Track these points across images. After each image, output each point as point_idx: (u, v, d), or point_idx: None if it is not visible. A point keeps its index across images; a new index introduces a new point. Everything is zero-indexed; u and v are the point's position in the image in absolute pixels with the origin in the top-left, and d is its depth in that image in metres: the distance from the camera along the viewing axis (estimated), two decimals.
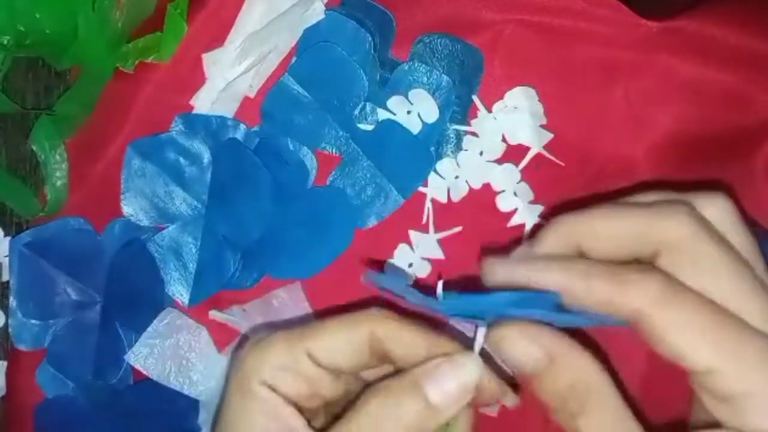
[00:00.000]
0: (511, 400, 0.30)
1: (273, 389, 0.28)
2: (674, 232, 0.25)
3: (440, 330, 0.29)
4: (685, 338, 0.24)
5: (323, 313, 0.40)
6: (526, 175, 0.40)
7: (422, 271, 0.40)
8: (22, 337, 0.41)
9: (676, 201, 0.26)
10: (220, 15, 0.41)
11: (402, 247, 0.40)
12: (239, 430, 0.28)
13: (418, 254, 0.40)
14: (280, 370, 0.28)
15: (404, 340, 0.28)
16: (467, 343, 0.28)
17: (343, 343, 0.28)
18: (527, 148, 0.40)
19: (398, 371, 0.28)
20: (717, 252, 0.25)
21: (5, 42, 0.40)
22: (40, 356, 0.41)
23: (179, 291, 0.40)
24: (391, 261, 0.40)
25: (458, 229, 0.40)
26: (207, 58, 0.41)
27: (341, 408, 0.30)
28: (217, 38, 0.41)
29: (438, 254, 0.40)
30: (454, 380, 0.27)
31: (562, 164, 0.40)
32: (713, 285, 0.25)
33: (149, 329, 0.39)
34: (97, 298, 0.41)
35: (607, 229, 0.27)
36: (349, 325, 0.29)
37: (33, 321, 0.41)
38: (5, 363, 0.42)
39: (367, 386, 0.28)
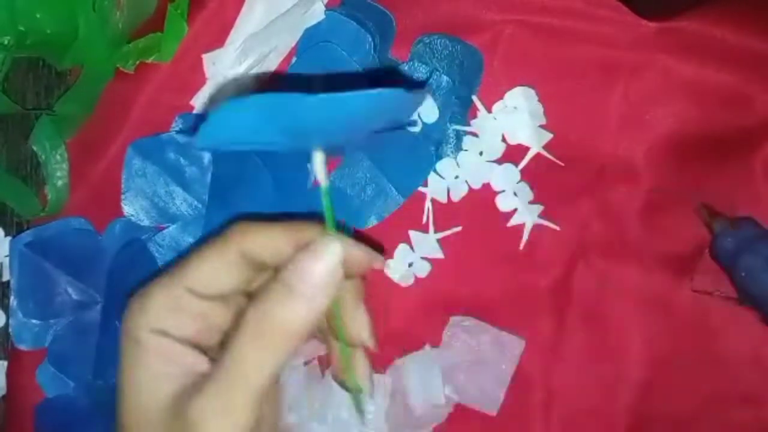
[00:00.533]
0: (379, 263, 0.31)
1: (164, 334, 0.27)
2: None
3: None
4: None
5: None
6: (526, 175, 0.40)
7: (422, 270, 0.40)
8: (23, 337, 0.41)
9: None
10: (221, 15, 0.41)
11: (402, 247, 0.40)
12: (139, 383, 0.27)
13: (418, 254, 0.40)
14: (165, 313, 0.27)
15: (270, 243, 0.28)
16: None
17: (216, 268, 0.28)
18: (527, 148, 0.40)
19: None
20: None
21: (6, 42, 0.40)
22: (40, 356, 0.41)
23: None
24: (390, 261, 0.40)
25: (458, 228, 0.40)
26: (207, 59, 0.41)
27: None
28: (217, 39, 0.41)
29: (438, 254, 0.40)
30: (317, 268, 0.26)
31: (562, 164, 0.40)
32: None
33: None
34: (98, 298, 0.41)
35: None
36: (216, 248, 0.28)
37: (33, 321, 0.41)
38: (6, 363, 0.42)
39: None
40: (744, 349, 0.39)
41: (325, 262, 0.26)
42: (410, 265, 0.40)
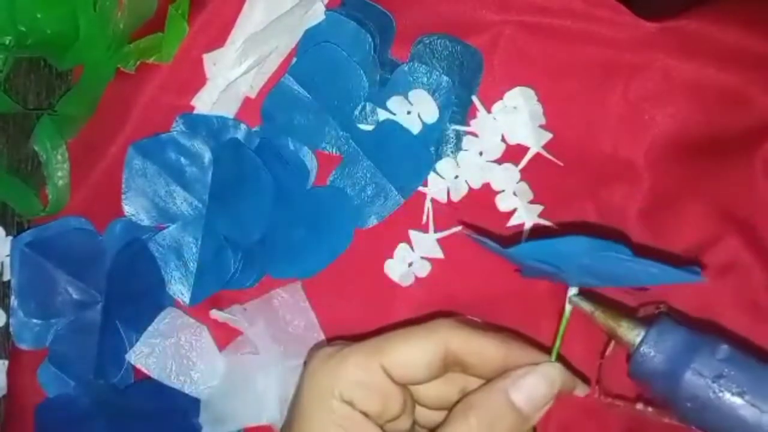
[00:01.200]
0: (582, 390, 0.32)
1: (350, 404, 0.28)
2: None
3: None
4: None
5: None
6: (526, 174, 0.40)
7: (422, 270, 0.40)
8: (24, 337, 0.41)
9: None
10: (221, 16, 0.41)
11: (402, 247, 0.40)
12: None
13: (417, 253, 0.40)
14: (356, 385, 0.28)
15: (480, 350, 0.29)
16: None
17: (418, 357, 0.29)
18: (526, 148, 0.40)
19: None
20: None
21: (7, 42, 0.41)
22: (41, 356, 0.41)
23: (180, 290, 0.40)
24: (391, 260, 0.40)
25: (458, 228, 0.40)
26: (208, 59, 0.41)
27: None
28: (217, 39, 0.41)
29: (438, 254, 0.40)
30: (541, 390, 0.28)
31: (561, 164, 0.40)
32: None
33: (150, 328, 0.39)
34: (98, 298, 0.41)
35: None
36: (424, 338, 0.29)
37: (34, 320, 0.41)
38: (6, 362, 0.43)
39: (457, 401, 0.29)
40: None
41: (548, 385, 0.29)
42: (410, 264, 0.40)
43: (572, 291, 0.31)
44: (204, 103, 0.41)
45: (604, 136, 0.40)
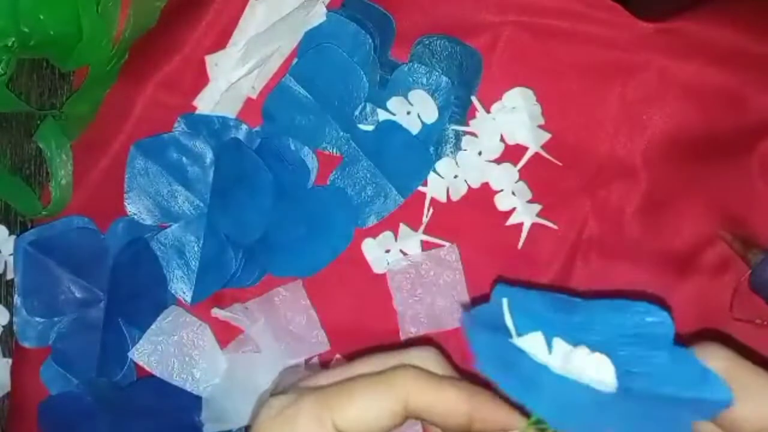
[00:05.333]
0: None
1: None
2: None
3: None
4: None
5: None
6: (524, 174, 0.40)
7: (396, 263, 0.40)
8: (27, 335, 0.41)
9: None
10: (223, 18, 0.42)
11: (386, 234, 0.40)
12: None
13: (398, 245, 0.40)
14: None
15: (442, 410, 0.27)
16: None
17: (373, 415, 0.27)
18: (525, 148, 0.40)
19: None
20: None
21: (10, 44, 0.41)
22: (44, 353, 0.41)
23: (182, 289, 0.41)
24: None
25: (446, 244, 0.40)
26: (210, 60, 0.42)
27: None
28: (220, 40, 0.42)
29: (416, 251, 0.40)
30: None
31: (560, 164, 0.40)
32: None
33: (152, 327, 0.40)
34: (101, 296, 0.41)
35: None
36: (381, 393, 0.27)
37: (37, 319, 0.41)
38: (10, 360, 0.43)
39: None
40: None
41: None
42: (387, 251, 0.40)
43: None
44: (206, 103, 0.42)
45: (602, 136, 0.40)
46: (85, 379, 0.41)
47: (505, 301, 0.24)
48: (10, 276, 0.43)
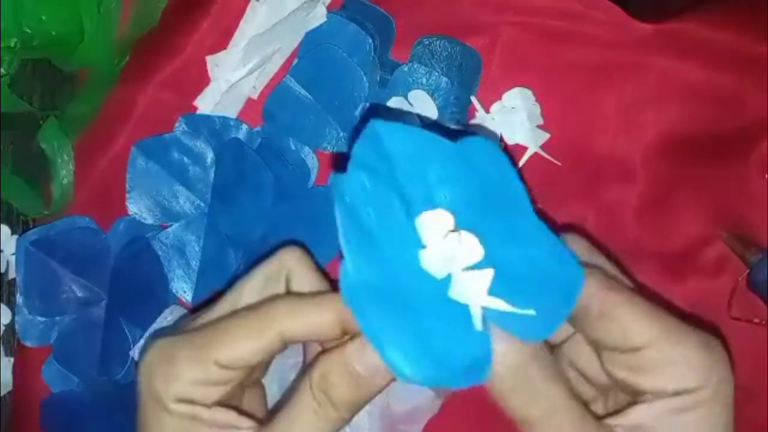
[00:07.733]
0: None
1: (190, 402, 0.27)
2: None
3: None
4: (632, 316, 0.26)
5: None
6: (524, 174, 0.40)
7: None
8: (29, 334, 0.42)
9: None
10: (224, 18, 0.42)
11: None
12: None
13: None
14: (191, 385, 0.27)
15: (316, 329, 0.27)
16: None
17: (251, 349, 0.27)
18: (524, 148, 0.40)
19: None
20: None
21: (12, 44, 0.41)
22: (46, 352, 0.41)
23: (183, 288, 0.41)
24: None
25: None
26: (211, 60, 0.42)
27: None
28: (220, 41, 0.42)
29: None
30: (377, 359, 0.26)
31: (559, 164, 0.40)
32: None
33: (153, 326, 0.40)
34: (102, 295, 0.41)
35: None
36: (255, 329, 0.28)
37: (39, 318, 0.41)
38: (12, 359, 0.43)
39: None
40: (740, 345, 0.39)
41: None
42: None
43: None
44: (207, 103, 0.42)
45: (601, 136, 0.40)
46: (87, 378, 0.41)
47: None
48: (12, 275, 0.43)
